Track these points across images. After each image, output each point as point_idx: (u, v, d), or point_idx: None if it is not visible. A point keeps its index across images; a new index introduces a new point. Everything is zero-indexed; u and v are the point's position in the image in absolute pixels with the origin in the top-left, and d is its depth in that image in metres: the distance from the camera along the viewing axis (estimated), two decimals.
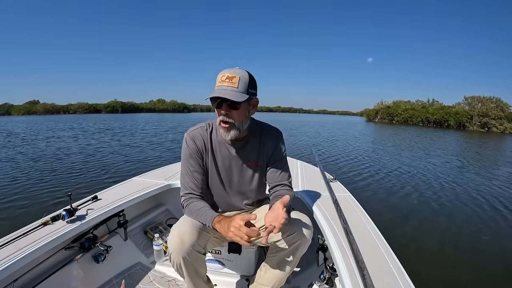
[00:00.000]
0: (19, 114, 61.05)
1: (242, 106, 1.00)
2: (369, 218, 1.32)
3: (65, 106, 68.00)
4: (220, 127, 1.04)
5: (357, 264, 0.91)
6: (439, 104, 46.32)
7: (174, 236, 0.99)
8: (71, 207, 1.23)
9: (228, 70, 0.99)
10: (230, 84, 0.96)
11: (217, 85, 0.98)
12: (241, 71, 0.99)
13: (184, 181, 1.11)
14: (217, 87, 0.98)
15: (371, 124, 37.81)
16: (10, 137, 12.05)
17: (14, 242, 1.02)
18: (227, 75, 0.97)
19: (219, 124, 1.03)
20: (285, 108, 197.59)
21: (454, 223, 3.42)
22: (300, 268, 1.56)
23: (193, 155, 1.10)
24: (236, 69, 0.99)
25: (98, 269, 1.39)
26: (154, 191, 1.67)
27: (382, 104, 51.74)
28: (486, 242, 2.94)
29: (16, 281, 1.03)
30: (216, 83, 0.98)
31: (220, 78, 0.97)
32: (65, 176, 4.98)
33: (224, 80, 0.96)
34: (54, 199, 3.73)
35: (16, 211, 3.33)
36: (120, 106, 70.84)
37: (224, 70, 0.99)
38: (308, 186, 1.75)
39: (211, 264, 1.52)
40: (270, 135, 1.17)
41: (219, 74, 0.99)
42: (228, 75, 0.96)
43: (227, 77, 0.96)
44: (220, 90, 0.96)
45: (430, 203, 4.13)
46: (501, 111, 36.18)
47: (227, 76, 0.96)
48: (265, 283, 1.18)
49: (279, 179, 1.17)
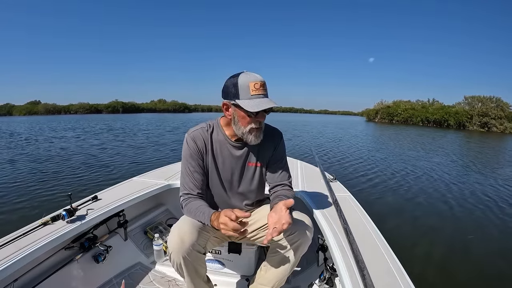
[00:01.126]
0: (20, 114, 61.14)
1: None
2: (369, 218, 1.32)
3: (66, 106, 68.17)
4: (251, 134, 1.04)
5: (357, 264, 0.91)
6: (439, 104, 46.35)
7: (174, 236, 0.99)
8: (71, 207, 1.23)
9: (255, 76, 0.99)
10: (265, 92, 0.99)
11: (251, 93, 0.97)
12: (262, 77, 1.00)
13: (183, 181, 1.11)
14: (254, 95, 0.97)
15: (370, 124, 37.82)
16: (12, 137, 12.06)
17: (14, 242, 1.02)
18: (260, 83, 0.98)
19: (249, 131, 1.03)
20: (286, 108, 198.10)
21: (455, 223, 3.42)
22: (300, 268, 1.56)
23: (194, 155, 1.10)
24: (258, 75, 1.00)
25: (98, 269, 1.39)
26: (154, 191, 1.67)
27: (382, 104, 51.76)
28: (486, 242, 2.94)
29: (16, 281, 1.03)
30: (249, 90, 0.97)
31: (254, 86, 0.97)
32: (65, 176, 4.98)
33: (259, 88, 0.97)
34: (54, 199, 3.73)
35: (16, 211, 3.33)
36: (121, 106, 70.97)
37: (250, 76, 0.98)
38: (308, 186, 1.75)
39: (211, 264, 1.52)
40: (270, 135, 1.17)
41: (249, 81, 0.97)
42: (261, 82, 0.98)
43: (261, 85, 0.98)
44: (262, 100, 0.97)
45: (430, 203, 4.13)
46: (501, 111, 36.19)
47: (260, 83, 0.98)
48: (265, 283, 1.18)
49: (279, 179, 1.17)
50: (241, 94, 0.97)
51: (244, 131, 1.04)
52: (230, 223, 0.86)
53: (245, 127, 1.03)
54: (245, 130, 1.03)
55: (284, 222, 0.89)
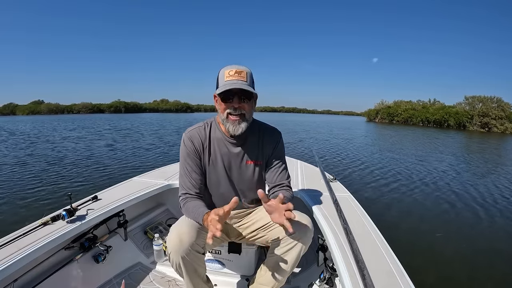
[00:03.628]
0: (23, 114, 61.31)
1: (251, 99, 1.03)
2: (369, 218, 1.31)
3: (69, 106, 68.38)
4: (228, 121, 1.03)
5: (357, 264, 0.91)
6: (440, 104, 46.29)
7: (172, 236, 1.00)
8: (71, 207, 1.23)
9: (233, 66, 1.00)
10: (240, 78, 0.98)
11: (225, 80, 0.98)
12: (245, 67, 1.01)
13: (182, 181, 1.11)
14: (226, 81, 0.98)
15: (370, 124, 37.80)
16: (13, 136, 12.08)
17: (14, 242, 1.02)
18: (235, 70, 0.98)
19: (227, 118, 1.03)
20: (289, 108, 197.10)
21: (455, 223, 3.42)
22: (300, 268, 1.56)
23: (191, 155, 1.10)
24: (240, 65, 1.01)
25: (98, 269, 1.39)
26: (154, 191, 1.67)
27: (382, 104, 51.73)
28: (486, 242, 2.94)
29: (16, 281, 1.03)
30: (223, 78, 0.99)
31: (228, 73, 0.98)
32: (65, 176, 4.98)
33: (233, 74, 0.98)
34: (54, 199, 3.73)
35: (16, 211, 3.33)
36: (124, 106, 71.09)
37: (229, 66, 1.00)
38: (308, 186, 1.75)
39: (211, 264, 1.52)
40: (269, 134, 1.17)
41: (225, 70, 1.00)
42: (236, 70, 0.98)
43: (236, 72, 0.98)
44: (231, 83, 0.97)
45: (430, 202, 4.13)
46: (502, 111, 36.12)
47: (235, 71, 0.98)
48: (265, 283, 1.18)
49: (278, 179, 1.17)
50: (219, 82, 1.01)
51: (223, 118, 1.05)
52: (215, 222, 0.85)
53: (223, 114, 1.04)
54: (224, 116, 1.04)
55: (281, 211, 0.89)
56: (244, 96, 1.01)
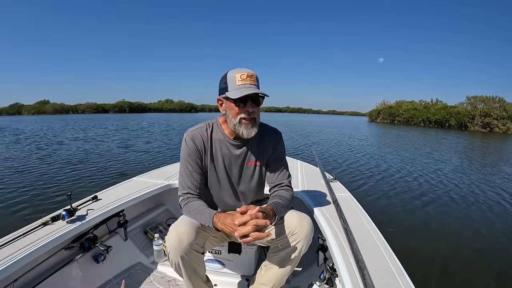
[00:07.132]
0: (29, 113, 61.65)
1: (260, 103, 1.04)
2: (369, 218, 1.31)
3: (74, 106, 68.76)
4: (242, 125, 1.03)
5: (357, 264, 0.91)
6: (442, 104, 46.16)
7: (172, 236, 0.99)
8: (71, 207, 1.23)
9: (243, 69, 1.00)
10: (252, 82, 0.99)
11: (238, 84, 0.98)
12: (251, 70, 1.02)
13: (182, 181, 1.11)
14: (239, 85, 0.98)
15: (372, 124, 37.73)
16: (16, 136, 12.12)
17: (14, 242, 1.02)
18: (247, 74, 0.99)
19: (239, 122, 1.03)
20: (294, 109, 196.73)
21: (455, 223, 3.40)
22: (300, 268, 1.55)
23: (192, 155, 1.10)
24: (247, 69, 1.02)
25: (98, 269, 1.39)
26: (154, 191, 1.67)
27: (384, 104, 51.64)
28: (486, 242, 2.93)
29: (16, 281, 1.03)
30: (235, 81, 0.99)
31: (240, 76, 0.98)
32: (65, 176, 4.99)
33: (245, 78, 0.98)
34: (54, 199, 3.74)
35: (16, 211, 3.34)
36: (128, 106, 71.34)
37: (238, 69, 1.01)
38: (308, 186, 1.75)
39: (211, 264, 1.51)
40: (269, 135, 1.18)
41: (236, 73, 0.99)
42: (248, 73, 0.99)
43: (248, 76, 0.99)
44: (247, 88, 0.97)
45: (430, 202, 4.11)
46: (504, 111, 35.97)
47: (247, 74, 0.99)
48: (265, 283, 1.18)
49: (279, 179, 1.17)
50: (230, 86, 1.00)
51: (235, 123, 1.04)
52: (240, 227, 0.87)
53: (235, 119, 1.03)
54: (236, 121, 1.04)
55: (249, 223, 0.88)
56: (257, 101, 1.02)
